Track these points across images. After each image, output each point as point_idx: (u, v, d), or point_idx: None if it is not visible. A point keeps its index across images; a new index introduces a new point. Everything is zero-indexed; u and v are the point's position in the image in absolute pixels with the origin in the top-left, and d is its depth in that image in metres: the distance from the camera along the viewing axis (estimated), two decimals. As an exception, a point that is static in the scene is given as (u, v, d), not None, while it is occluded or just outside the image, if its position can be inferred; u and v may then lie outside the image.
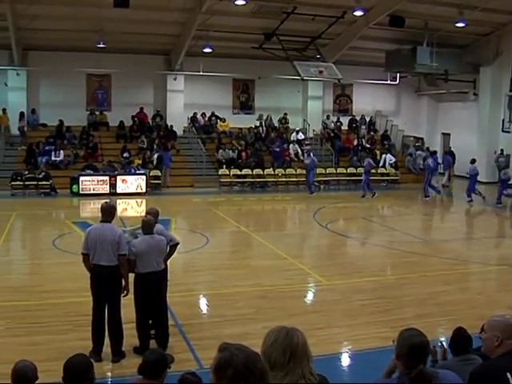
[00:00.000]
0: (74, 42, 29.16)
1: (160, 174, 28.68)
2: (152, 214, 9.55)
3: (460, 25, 28.64)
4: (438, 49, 31.11)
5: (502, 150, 31.97)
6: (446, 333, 9.15)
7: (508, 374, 3.95)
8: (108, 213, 9.10)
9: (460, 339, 6.09)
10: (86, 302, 8.94)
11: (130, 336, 9.13)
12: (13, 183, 26.43)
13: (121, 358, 8.82)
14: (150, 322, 9.22)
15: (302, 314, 11.08)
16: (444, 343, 6.11)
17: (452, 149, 34.31)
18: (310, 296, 13.16)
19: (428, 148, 34.41)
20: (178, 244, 9.66)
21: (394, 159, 32.68)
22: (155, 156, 29.47)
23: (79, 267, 9.34)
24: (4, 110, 30.47)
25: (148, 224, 9.20)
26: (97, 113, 32.48)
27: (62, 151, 29.02)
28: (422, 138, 37.23)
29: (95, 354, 8.55)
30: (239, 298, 11.95)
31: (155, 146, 30.48)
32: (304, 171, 29.01)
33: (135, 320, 9.14)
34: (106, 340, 8.84)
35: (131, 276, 8.99)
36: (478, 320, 5.96)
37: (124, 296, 8.97)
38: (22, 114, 30.31)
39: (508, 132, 26.70)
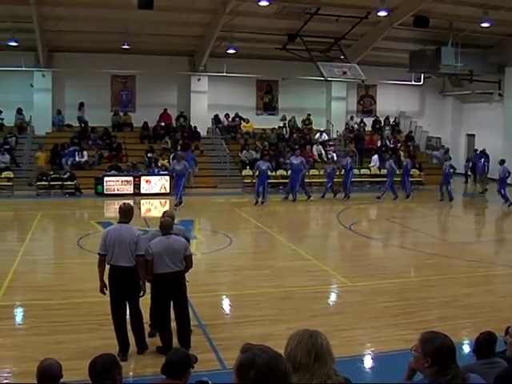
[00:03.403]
0: (98, 43, 29.42)
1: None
2: (168, 217, 9.55)
3: (485, 25, 28.47)
4: (463, 49, 30.89)
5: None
6: (469, 335, 9.09)
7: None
8: (126, 213, 9.16)
9: (486, 342, 6.06)
10: (108, 301, 9.00)
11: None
12: (38, 183, 26.69)
13: (145, 350, 9.00)
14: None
15: (325, 315, 11.06)
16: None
17: (480, 150, 33.98)
18: (333, 297, 13.12)
19: (448, 149, 34.26)
20: (191, 255, 9.44)
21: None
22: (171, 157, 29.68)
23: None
24: (20, 110, 30.79)
25: (165, 225, 9.23)
26: (121, 114, 32.69)
27: (85, 152, 29.22)
28: (439, 138, 36.99)
29: (122, 354, 8.61)
30: (262, 299, 11.94)
31: (178, 147, 30.62)
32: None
33: (155, 319, 9.29)
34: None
35: None
36: (502, 323, 5.92)
37: (141, 296, 9.05)
38: (81, 104, 31.59)
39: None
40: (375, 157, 32.13)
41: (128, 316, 9.09)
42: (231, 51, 30.78)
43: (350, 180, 27.33)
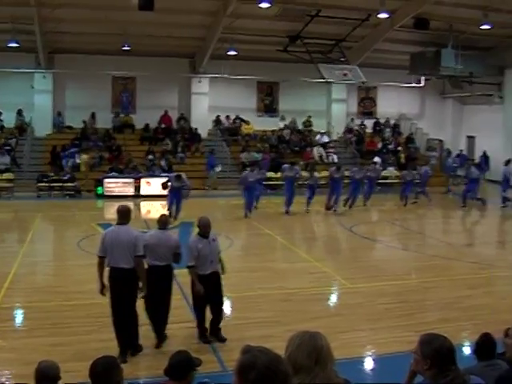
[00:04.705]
0: (99, 44, 29.43)
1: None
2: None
3: (485, 27, 28.45)
4: (463, 51, 30.90)
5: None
6: (469, 337, 9.10)
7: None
8: (124, 215, 9.19)
9: (486, 344, 6.06)
10: (109, 303, 9.00)
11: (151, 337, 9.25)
12: (39, 185, 26.70)
13: (138, 352, 9.06)
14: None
15: (325, 317, 11.06)
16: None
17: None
18: (333, 299, 13.14)
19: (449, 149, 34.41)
20: (180, 254, 9.82)
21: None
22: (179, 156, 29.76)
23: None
24: (20, 112, 30.82)
25: (161, 220, 9.87)
26: (122, 115, 32.68)
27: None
28: (441, 141, 37.05)
29: (122, 356, 8.64)
30: (263, 301, 11.94)
31: (179, 149, 30.68)
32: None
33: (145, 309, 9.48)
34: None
35: None
36: (502, 325, 5.92)
37: (142, 297, 9.10)
38: (93, 114, 31.87)
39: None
40: (378, 159, 32.07)
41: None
42: (232, 53, 30.79)
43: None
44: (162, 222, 9.93)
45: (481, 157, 34.35)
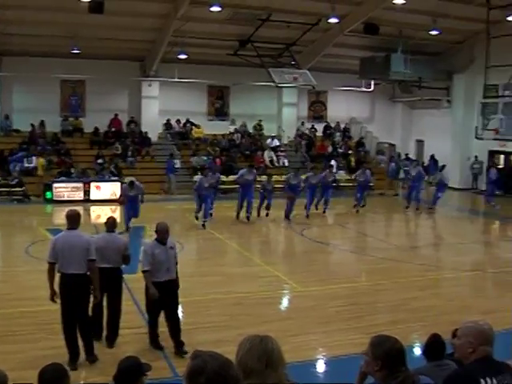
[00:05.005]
0: (48, 47, 28.96)
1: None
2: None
3: (433, 33, 28.99)
4: (412, 56, 31.36)
5: (476, 157, 32.37)
6: (419, 338, 9.20)
7: (481, 380, 3.97)
8: (73, 220, 9.05)
9: (435, 345, 6.15)
10: (59, 309, 8.84)
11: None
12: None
13: (95, 359, 8.89)
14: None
15: (276, 320, 11.07)
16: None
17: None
18: (284, 303, 13.16)
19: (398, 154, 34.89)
20: (129, 255, 9.95)
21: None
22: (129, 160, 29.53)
23: (53, 275, 9.25)
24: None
25: (109, 223, 10.00)
26: (71, 119, 32.23)
27: (34, 157, 28.74)
28: (394, 145, 37.53)
29: (72, 363, 8.51)
30: (213, 305, 11.90)
31: (129, 153, 30.46)
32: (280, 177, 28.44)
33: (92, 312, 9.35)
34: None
35: None
36: (451, 326, 5.98)
37: (95, 302, 8.98)
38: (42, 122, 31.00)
39: (481, 139, 26.94)
40: (333, 162, 32.29)
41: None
42: (182, 56, 30.68)
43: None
44: (110, 224, 10.01)
45: (429, 160, 34.95)
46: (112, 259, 9.46)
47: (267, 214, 23.07)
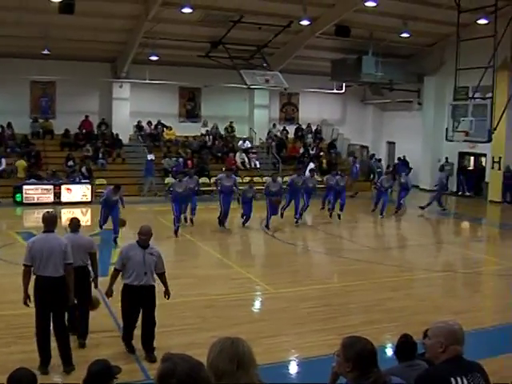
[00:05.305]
0: (17, 48, 28.60)
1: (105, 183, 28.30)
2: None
3: (404, 35, 29.23)
4: (383, 58, 31.62)
5: (446, 158, 32.64)
6: (392, 339, 9.22)
7: (452, 379, 3.99)
8: (50, 222, 8.92)
9: (405, 345, 6.18)
10: (29, 313, 8.73)
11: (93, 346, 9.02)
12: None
13: (72, 369, 8.64)
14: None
15: (249, 322, 11.06)
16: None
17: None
18: (256, 304, 13.14)
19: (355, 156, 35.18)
20: (95, 254, 9.96)
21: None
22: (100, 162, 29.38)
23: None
24: None
25: (72, 223, 10.07)
26: (41, 120, 31.92)
27: (3, 159, 28.41)
28: (367, 147, 37.76)
29: (43, 367, 8.42)
30: (185, 308, 11.83)
31: (100, 155, 30.29)
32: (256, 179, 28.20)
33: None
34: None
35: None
36: (423, 326, 6.01)
37: (68, 305, 8.89)
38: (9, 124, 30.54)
39: (451, 141, 27.14)
40: (311, 164, 32.38)
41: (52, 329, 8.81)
42: (154, 58, 30.54)
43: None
44: (74, 224, 10.04)
45: (397, 162, 35.18)
46: (78, 258, 9.30)
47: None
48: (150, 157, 30.17)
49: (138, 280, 9.24)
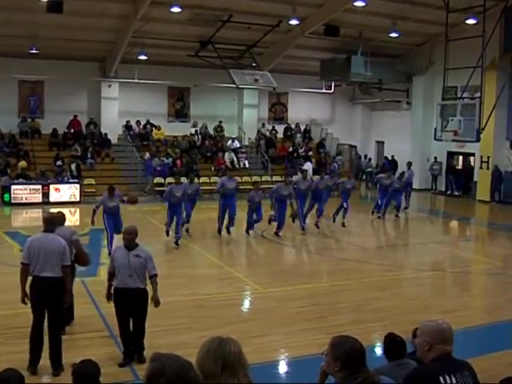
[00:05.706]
0: (5, 47, 28.47)
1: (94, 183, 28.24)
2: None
3: (393, 35, 29.33)
4: (372, 58, 31.69)
5: (435, 158, 32.78)
6: (380, 338, 9.21)
7: (441, 378, 4.01)
8: (50, 222, 8.90)
9: (392, 344, 6.18)
10: (17, 314, 8.72)
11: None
12: None
13: (61, 371, 8.53)
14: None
15: (238, 322, 11.05)
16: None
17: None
18: (246, 304, 13.14)
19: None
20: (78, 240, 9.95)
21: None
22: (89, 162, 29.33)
23: (12, 278, 9.10)
24: None
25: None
26: (29, 120, 31.78)
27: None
28: (355, 147, 37.87)
29: (32, 367, 8.37)
30: (175, 308, 11.79)
31: (89, 155, 30.21)
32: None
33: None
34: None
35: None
36: (411, 325, 6.03)
37: (65, 307, 8.88)
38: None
39: (440, 140, 27.24)
40: (309, 163, 32.39)
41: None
42: (143, 57, 30.45)
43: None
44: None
45: (384, 161, 35.35)
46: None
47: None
48: (147, 156, 30.23)
49: (122, 283, 9.01)
